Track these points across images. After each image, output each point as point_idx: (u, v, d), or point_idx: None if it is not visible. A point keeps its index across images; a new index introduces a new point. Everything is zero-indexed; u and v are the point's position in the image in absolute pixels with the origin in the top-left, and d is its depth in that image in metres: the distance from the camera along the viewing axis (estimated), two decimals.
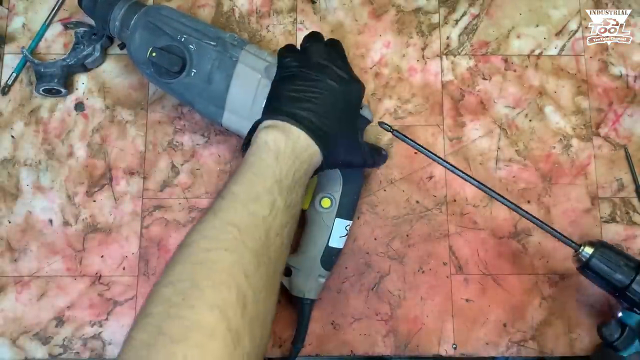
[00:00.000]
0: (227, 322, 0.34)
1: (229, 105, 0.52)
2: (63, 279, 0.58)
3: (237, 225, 0.39)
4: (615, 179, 0.60)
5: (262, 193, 0.40)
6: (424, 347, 0.57)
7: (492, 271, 0.58)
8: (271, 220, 0.40)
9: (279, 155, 0.42)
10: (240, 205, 0.40)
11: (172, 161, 0.60)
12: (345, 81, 0.47)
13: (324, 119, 0.45)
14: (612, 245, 0.49)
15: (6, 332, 0.56)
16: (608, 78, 0.63)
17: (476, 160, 0.60)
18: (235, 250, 0.37)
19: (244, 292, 0.36)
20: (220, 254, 0.37)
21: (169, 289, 0.36)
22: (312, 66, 0.47)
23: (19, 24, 0.63)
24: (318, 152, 0.45)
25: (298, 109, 0.45)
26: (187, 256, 0.38)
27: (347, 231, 0.55)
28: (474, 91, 0.62)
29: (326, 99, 0.46)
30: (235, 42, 0.53)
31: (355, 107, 0.49)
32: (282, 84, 0.47)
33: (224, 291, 0.35)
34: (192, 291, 0.35)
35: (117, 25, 0.54)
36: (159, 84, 0.54)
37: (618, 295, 0.48)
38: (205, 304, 0.34)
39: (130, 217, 0.59)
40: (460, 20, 0.64)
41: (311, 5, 0.64)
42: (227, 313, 0.34)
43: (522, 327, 0.57)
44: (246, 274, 0.37)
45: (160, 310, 0.35)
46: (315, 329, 0.57)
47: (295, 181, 0.43)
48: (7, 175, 0.60)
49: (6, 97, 0.61)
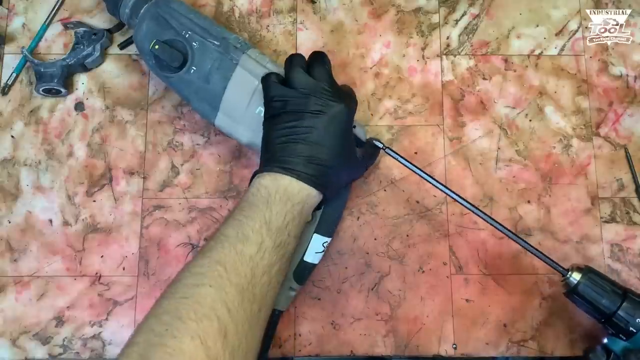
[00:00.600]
0: (206, 350, 0.37)
1: (223, 107, 0.52)
2: (63, 279, 0.58)
3: (224, 263, 0.41)
4: (615, 179, 0.60)
5: (250, 234, 0.43)
6: (424, 347, 0.57)
7: (492, 271, 0.58)
8: (259, 260, 0.42)
9: (269, 199, 0.45)
10: (228, 245, 0.42)
11: (172, 161, 0.60)
12: (329, 106, 0.47)
13: (317, 155, 0.46)
14: (599, 271, 0.50)
15: (6, 332, 0.56)
16: (608, 78, 0.63)
17: (476, 160, 0.60)
18: (220, 286, 0.40)
19: (225, 324, 0.38)
20: (204, 290, 0.39)
21: (154, 321, 0.39)
22: (296, 102, 0.47)
23: (19, 24, 0.63)
24: (315, 192, 0.47)
25: (288, 156, 0.46)
26: (173, 292, 0.41)
27: (324, 248, 0.55)
28: (474, 91, 0.62)
29: (315, 132, 0.46)
30: (239, 45, 0.53)
31: (346, 128, 0.49)
32: (272, 128, 0.48)
33: (205, 323, 0.38)
34: (176, 323, 0.38)
35: (127, 12, 0.55)
36: (159, 76, 0.54)
37: (604, 321, 0.49)
38: (187, 334, 0.37)
39: (130, 217, 0.59)
40: (460, 20, 0.64)
41: (311, 5, 0.64)
42: (207, 342, 0.37)
43: (522, 327, 0.57)
44: (229, 308, 0.39)
45: (144, 339, 0.38)
46: (315, 329, 0.57)
47: (287, 222, 0.45)
48: (7, 175, 0.60)
49: (6, 97, 0.61)
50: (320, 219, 0.54)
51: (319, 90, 0.47)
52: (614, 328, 0.48)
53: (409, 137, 0.61)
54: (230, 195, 0.59)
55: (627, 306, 0.47)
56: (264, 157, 0.49)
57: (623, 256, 0.59)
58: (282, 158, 0.46)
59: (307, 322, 0.57)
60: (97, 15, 0.63)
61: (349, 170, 0.51)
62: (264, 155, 0.49)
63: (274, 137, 0.48)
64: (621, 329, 0.47)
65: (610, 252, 0.59)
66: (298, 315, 0.57)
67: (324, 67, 0.50)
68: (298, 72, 0.48)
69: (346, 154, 0.50)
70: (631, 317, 0.47)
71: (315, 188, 0.47)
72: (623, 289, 0.48)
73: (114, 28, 0.62)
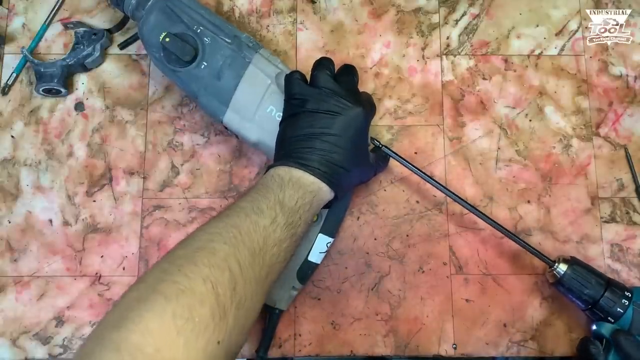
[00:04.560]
0: (217, 296, 0.37)
1: (233, 104, 0.52)
2: (63, 279, 0.58)
3: (239, 228, 0.42)
4: (615, 179, 0.60)
5: (264, 208, 0.44)
6: (424, 347, 0.57)
7: (492, 271, 0.58)
8: (271, 231, 0.43)
9: (283, 184, 0.46)
10: (244, 214, 0.43)
11: (172, 161, 0.60)
12: (347, 108, 0.48)
13: (332, 155, 0.47)
14: (584, 262, 0.53)
15: (6, 332, 0.56)
16: (608, 78, 0.63)
17: (476, 160, 0.60)
18: (234, 245, 0.41)
19: (235, 277, 0.39)
20: (219, 245, 0.40)
21: (166, 263, 0.39)
22: (317, 101, 0.48)
23: (19, 24, 0.63)
24: (327, 188, 0.48)
25: (304, 153, 0.47)
26: (188, 243, 0.41)
27: (327, 248, 0.55)
28: (474, 91, 0.62)
29: (332, 132, 0.47)
30: (251, 44, 0.53)
31: (362, 131, 0.50)
32: (290, 126, 0.49)
33: (217, 271, 0.38)
34: (189, 265, 0.38)
35: (133, 3, 0.53)
36: (164, 69, 0.53)
37: (591, 306, 0.52)
38: (200, 276, 0.37)
39: (130, 217, 0.59)
40: (460, 20, 0.64)
41: (311, 5, 0.64)
42: (218, 289, 0.37)
43: (522, 327, 0.57)
44: (240, 265, 0.40)
45: (155, 276, 0.38)
46: (315, 329, 0.57)
47: (299, 206, 0.46)
48: (7, 175, 0.60)
49: (6, 97, 0.61)
50: (327, 218, 0.54)
51: (340, 93, 0.48)
52: (602, 312, 0.51)
53: (409, 137, 0.61)
54: (230, 195, 0.59)
55: (611, 290, 0.51)
56: (278, 154, 0.49)
57: (623, 256, 0.59)
58: (298, 154, 0.47)
59: (307, 322, 0.57)
60: (97, 15, 0.63)
61: (360, 172, 0.52)
62: (279, 152, 0.49)
63: (291, 134, 0.48)
64: (609, 312, 0.51)
65: (610, 252, 0.59)
66: (298, 315, 0.57)
67: (351, 77, 0.51)
68: (323, 73, 0.49)
69: (360, 157, 0.50)
70: (617, 299, 0.51)
71: (328, 185, 0.47)
72: (606, 279, 0.52)
73: (114, 28, 0.62)
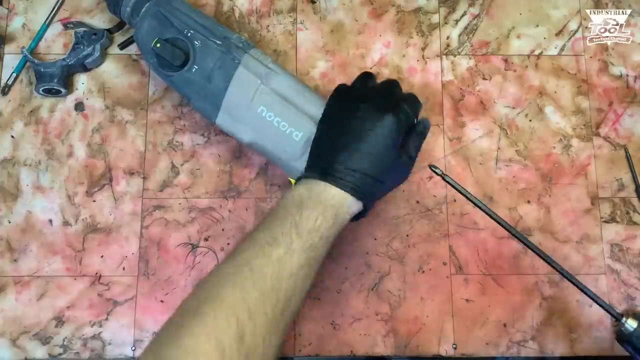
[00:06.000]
0: (221, 352, 0.37)
1: (225, 106, 0.52)
2: (63, 279, 0.58)
3: (250, 264, 0.42)
4: (615, 179, 0.60)
5: (279, 236, 0.43)
6: (424, 347, 0.57)
7: (492, 271, 0.58)
8: (286, 260, 0.42)
9: (302, 203, 0.45)
10: (258, 247, 0.43)
11: (172, 161, 0.60)
12: (379, 114, 0.47)
13: (363, 165, 0.46)
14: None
15: (6, 332, 0.56)
16: (608, 78, 0.63)
17: (476, 160, 0.60)
18: (243, 287, 0.40)
19: (243, 327, 0.39)
20: (228, 291, 0.40)
21: (178, 317, 0.40)
22: (352, 107, 0.48)
23: (19, 24, 0.63)
24: (352, 199, 0.46)
25: (332, 163, 0.46)
26: (200, 290, 0.42)
27: None
28: (474, 91, 0.62)
29: (364, 139, 0.46)
30: (241, 45, 0.53)
31: (392, 137, 0.47)
32: (323, 131, 0.49)
33: (223, 324, 0.38)
34: (195, 320, 0.38)
35: (128, 10, 0.54)
36: (160, 74, 0.54)
37: None
38: (204, 332, 0.38)
39: (130, 217, 0.59)
40: (460, 20, 0.64)
41: (311, 5, 0.64)
42: (224, 344, 0.37)
43: (522, 327, 0.57)
44: (250, 310, 0.39)
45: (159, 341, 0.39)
46: (315, 329, 0.57)
47: (319, 225, 0.44)
48: (7, 175, 0.60)
49: (6, 97, 0.61)
50: None
51: (377, 100, 0.48)
52: None
53: None
54: (230, 195, 0.59)
55: None
56: (310, 156, 0.49)
57: (623, 256, 0.59)
58: (325, 164, 0.47)
59: (307, 322, 0.57)
60: (97, 15, 0.63)
61: (394, 177, 0.50)
62: (312, 154, 0.49)
63: (325, 140, 0.49)
64: None
65: (610, 252, 0.59)
66: (298, 315, 0.57)
67: (394, 84, 0.51)
68: (363, 83, 0.51)
69: (394, 159, 0.48)
70: None
71: (354, 196, 0.46)
72: None
73: (114, 28, 0.62)
